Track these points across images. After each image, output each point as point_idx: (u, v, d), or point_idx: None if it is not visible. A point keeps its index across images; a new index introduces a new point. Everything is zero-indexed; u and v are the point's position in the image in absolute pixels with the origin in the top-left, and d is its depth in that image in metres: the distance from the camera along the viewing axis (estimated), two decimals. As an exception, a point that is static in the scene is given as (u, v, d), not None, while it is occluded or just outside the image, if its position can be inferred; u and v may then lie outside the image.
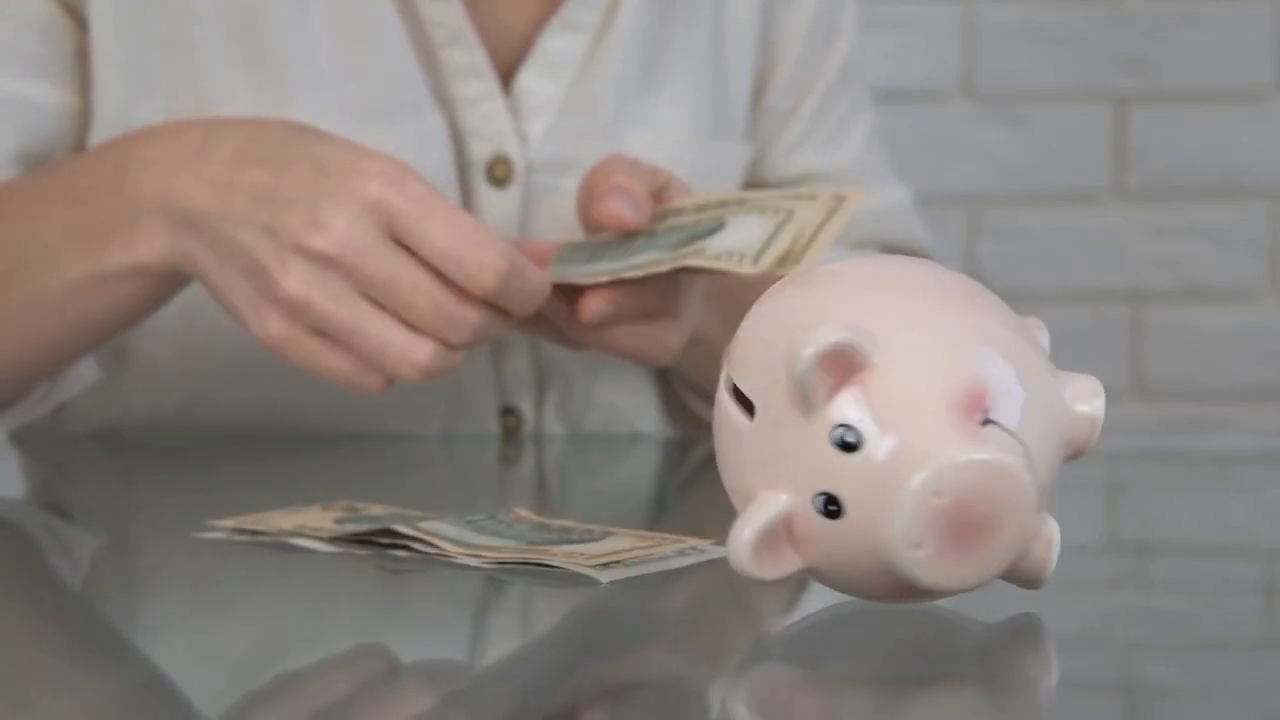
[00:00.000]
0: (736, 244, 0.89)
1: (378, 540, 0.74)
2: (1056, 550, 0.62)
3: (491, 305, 0.88)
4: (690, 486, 1.05)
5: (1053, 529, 0.62)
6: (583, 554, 0.70)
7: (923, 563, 0.60)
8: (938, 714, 0.56)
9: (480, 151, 1.08)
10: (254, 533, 0.78)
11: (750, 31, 1.16)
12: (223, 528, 0.78)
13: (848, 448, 0.60)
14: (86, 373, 1.04)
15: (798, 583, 0.67)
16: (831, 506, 0.60)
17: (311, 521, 0.77)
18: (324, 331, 0.88)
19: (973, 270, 1.83)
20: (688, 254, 0.89)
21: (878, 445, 0.60)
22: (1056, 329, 0.66)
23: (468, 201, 1.08)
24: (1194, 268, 1.86)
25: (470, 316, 0.88)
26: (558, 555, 0.70)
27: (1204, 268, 1.86)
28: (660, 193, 0.96)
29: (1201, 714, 0.57)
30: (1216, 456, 1.28)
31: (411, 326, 0.88)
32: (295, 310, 0.88)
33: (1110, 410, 0.63)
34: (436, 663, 0.63)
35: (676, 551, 0.72)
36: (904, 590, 0.61)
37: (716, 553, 0.71)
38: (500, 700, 0.58)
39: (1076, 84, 1.85)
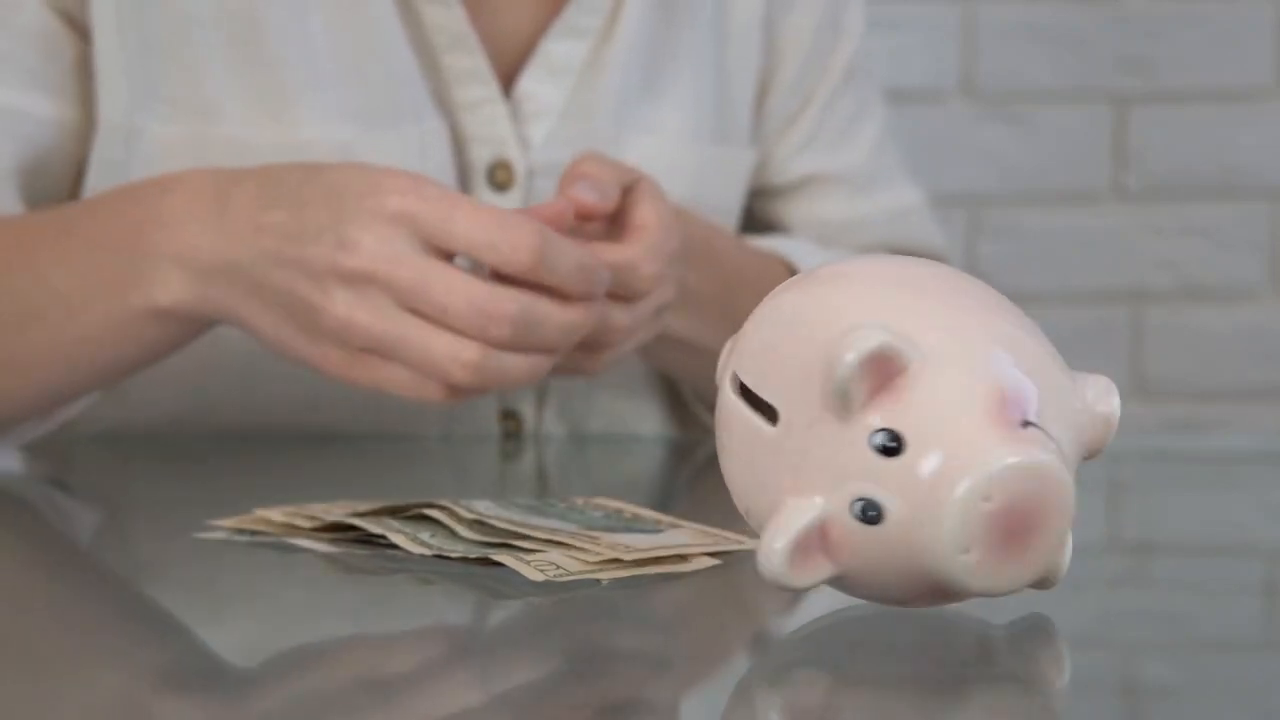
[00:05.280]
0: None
1: (378, 540, 0.75)
2: (1070, 551, 0.62)
3: (537, 289, 0.88)
4: (695, 484, 1.05)
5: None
6: (615, 546, 0.70)
7: (971, 567, 0.59)
8: (941, 715, 0.56)
9: (481, 156, 1.08)
10: (254, 533, 0.78)
11: (754, 34, 1.16)
12: (223, 528, 0.78)
13: (888, 452, 0.59)
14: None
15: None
16: (871, 512, 0.59)
17: (311, 522, 0.77)
18: (372, 348, 0.89)
19: (973, 270, 1.84)
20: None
21: (920, 450, 0.59)
22: (1056, 329, 0.66)
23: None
24: (1194, 268, 1.86)
25: (507, 308, 0.88)
26: (584, 546, 0.70)
27: (1204, 268, 1.86)
28: (630, 189, 0.95)
29: (1201, 714, 0.57)
30: (1216, 456, 1.28)
31: (454, 329, 0.88)
32: (343, 334, 0.89)
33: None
34: (436, 662, 0.63)
35: (694, 553, 0.72)
36: (941, 595, 0.61)
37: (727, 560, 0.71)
38: (499, 699, 0.58)
39: (1076, 84, 1.85)
